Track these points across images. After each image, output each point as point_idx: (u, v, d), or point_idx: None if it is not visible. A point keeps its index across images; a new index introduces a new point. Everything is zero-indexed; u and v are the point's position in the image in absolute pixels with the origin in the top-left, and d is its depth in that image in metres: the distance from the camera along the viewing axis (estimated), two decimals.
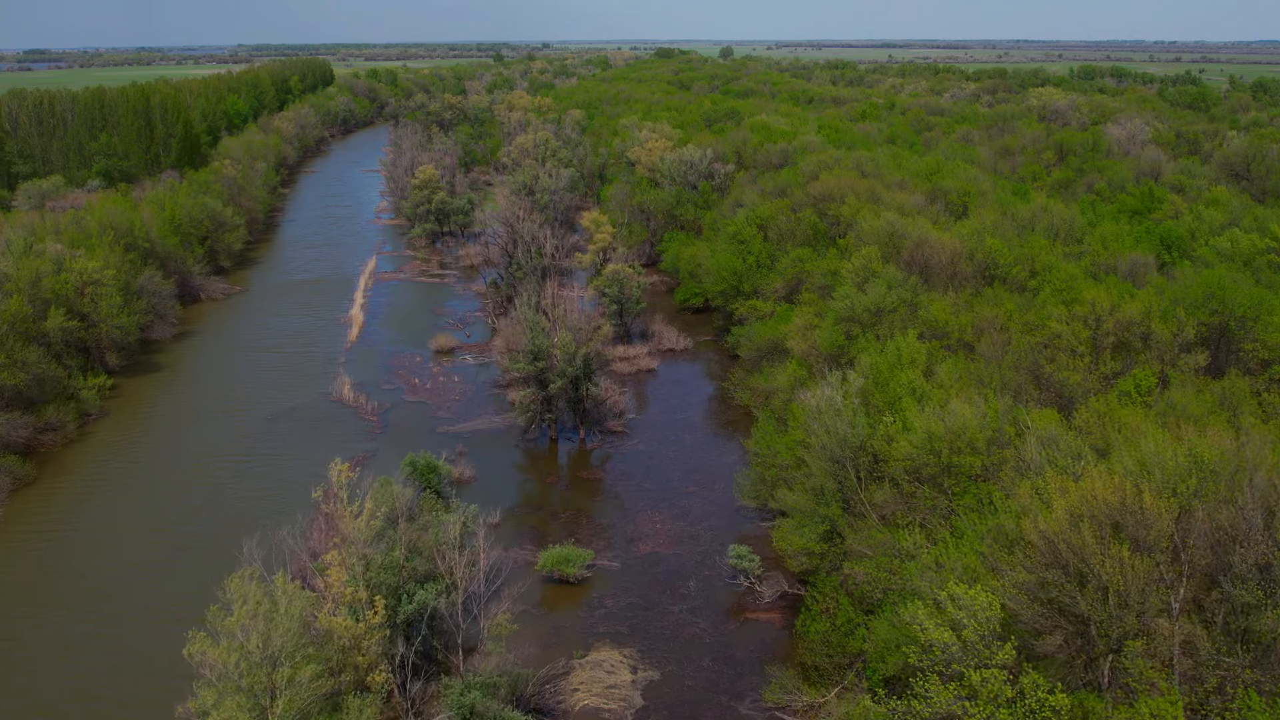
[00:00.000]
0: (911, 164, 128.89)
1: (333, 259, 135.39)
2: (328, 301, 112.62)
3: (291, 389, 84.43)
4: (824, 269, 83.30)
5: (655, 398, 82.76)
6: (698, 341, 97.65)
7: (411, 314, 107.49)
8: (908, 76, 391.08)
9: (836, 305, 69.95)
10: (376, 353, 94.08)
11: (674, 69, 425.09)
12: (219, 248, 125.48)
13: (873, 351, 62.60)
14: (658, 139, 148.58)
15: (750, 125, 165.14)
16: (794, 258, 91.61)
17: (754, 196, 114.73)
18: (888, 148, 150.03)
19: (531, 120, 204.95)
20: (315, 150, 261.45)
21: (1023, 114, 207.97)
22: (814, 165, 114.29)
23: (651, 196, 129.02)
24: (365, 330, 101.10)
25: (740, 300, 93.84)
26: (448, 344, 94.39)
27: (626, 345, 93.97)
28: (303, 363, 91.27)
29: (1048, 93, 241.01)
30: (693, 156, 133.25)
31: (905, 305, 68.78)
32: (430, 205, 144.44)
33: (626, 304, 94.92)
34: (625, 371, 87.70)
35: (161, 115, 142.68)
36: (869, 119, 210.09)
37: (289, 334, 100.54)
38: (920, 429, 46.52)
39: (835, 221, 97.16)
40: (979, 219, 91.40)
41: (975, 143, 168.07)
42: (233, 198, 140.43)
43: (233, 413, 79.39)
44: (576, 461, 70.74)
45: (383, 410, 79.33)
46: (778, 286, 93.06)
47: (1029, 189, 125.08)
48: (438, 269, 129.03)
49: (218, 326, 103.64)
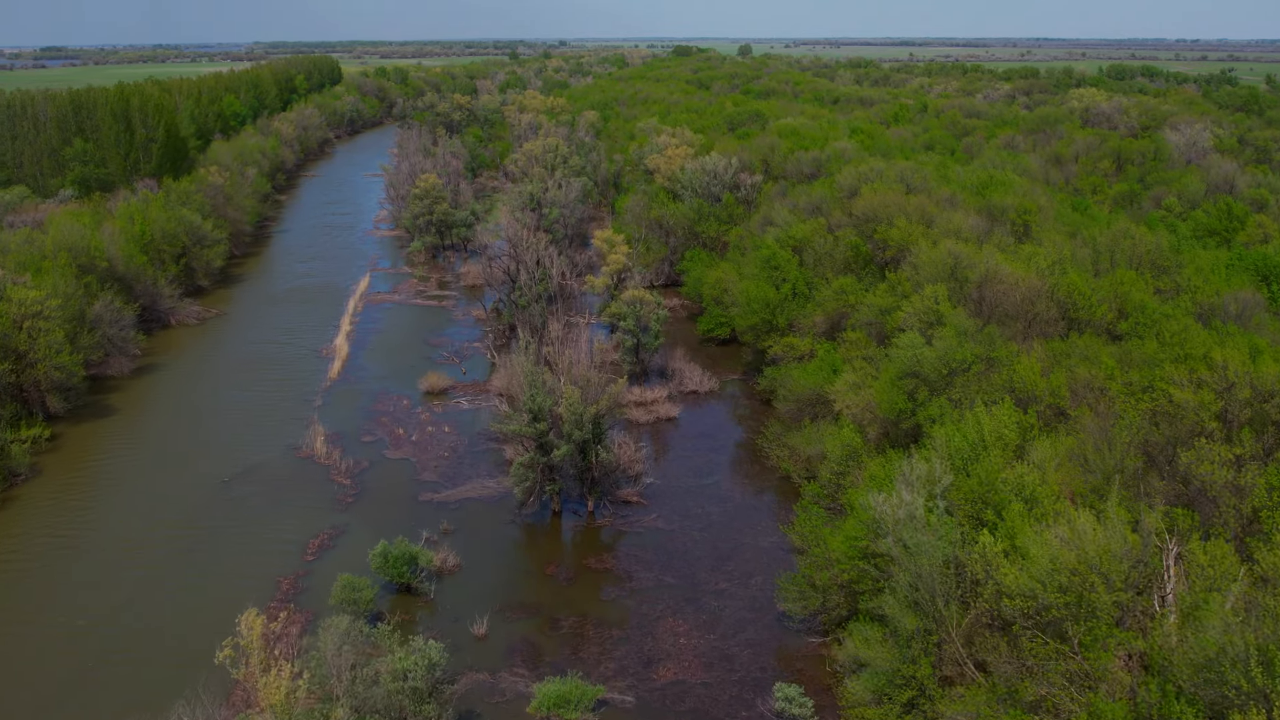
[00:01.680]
0: (958, 175, 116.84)
1: (323, 275, 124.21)
2: (311, 327, 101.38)
3: (257, 439, 73.14)
4: (874, 305, 71.39)
5: (677, 456, 71.03)
6: (724, 381, 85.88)
7: (403, 344, 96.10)
8: (934, 76, 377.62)
9: (896, 358, 58.04)
10: (359, 393, 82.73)
11: (692, 67, 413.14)
12: (197, 265, 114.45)
13: (948, 423, 50.81)
14: (678, 145, 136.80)
15: (777, 130, 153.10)
16: (836, 289, 79.73)
17: (785, 213, 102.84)
18: (928, 156, 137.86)
19: (543, 123, 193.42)
20: (318, 152, 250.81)
21: (1064, 117, 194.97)
22: (853, 178, 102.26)
23: (671, 210, 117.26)
24: (349, 364, 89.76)
25: (773, 336, 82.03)
26: (439, 384, 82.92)
27: (643, 387, 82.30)
28: (274, 405, 79.98)
29: (1089, 94, 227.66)
30: (716, 166, 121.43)
31: (982, 361, 56.85)
32: (431, 217, 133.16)
33: (644, 339, 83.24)
34: (642, 421, 76.02)
35: (142, 118, 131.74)
36: (901, 122, 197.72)
37: (263, 367, 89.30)
38: (1042, 556, 34.63)
39: (882, 245, 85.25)
40: (1052, 246, 79.35)
41: (1020, 149, 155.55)
42: (217, 208, 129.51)
43: (186, 471, 68.14)
44: (583, 542, 59.11)
45: (359, 470, 67.90)
46: (817, 320, 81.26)
47: (1090, 204, 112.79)
48: (436, 289, 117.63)
49: (184, 359, 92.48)
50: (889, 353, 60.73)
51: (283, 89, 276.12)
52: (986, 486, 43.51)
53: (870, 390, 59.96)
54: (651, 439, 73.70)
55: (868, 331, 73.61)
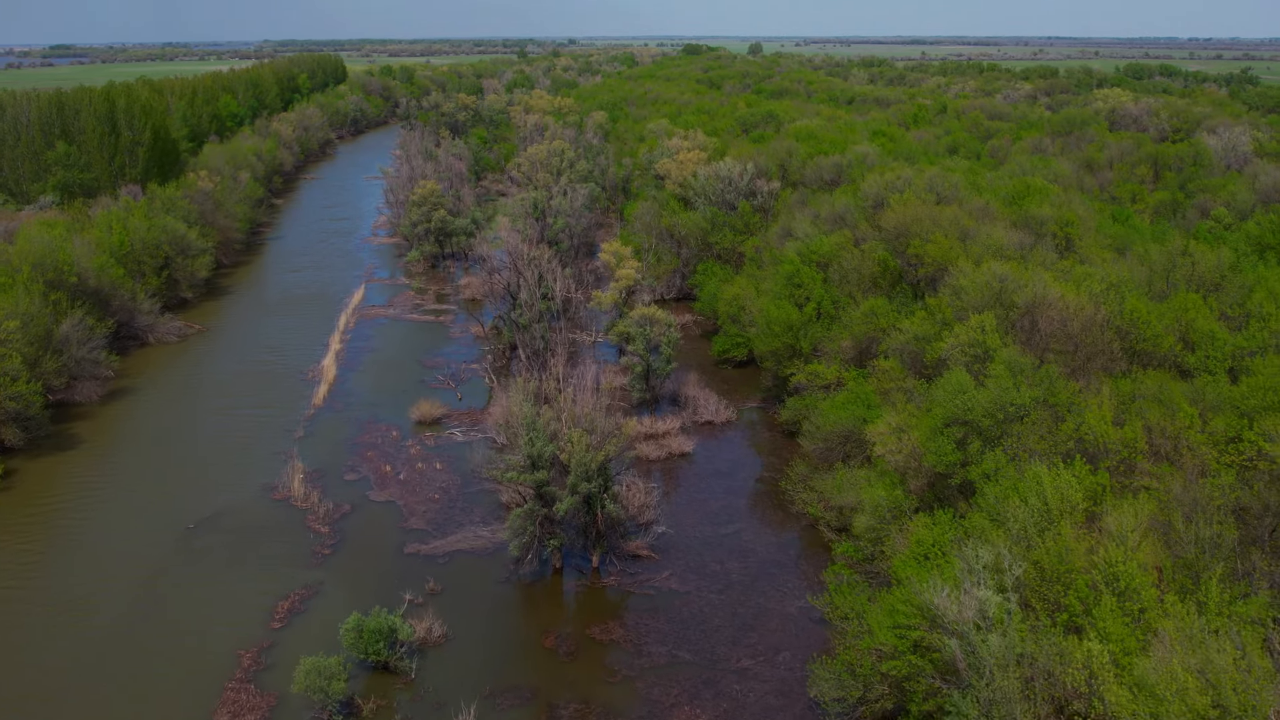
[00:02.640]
0: (990, 183, 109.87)
1: (316, 287, 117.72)
2: (299, 345, 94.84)
3: (230, 477, 66.57)
4: (911, 332, 64.42)
5: (691, 499, 64.22)
6: (742, 409, 79.05)
7: (395, 365, 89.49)
8: (950, 75, 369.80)
9: (943, 401, 51.09)
10: (345, 422, 76.12)
11: (703, 66, 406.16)
12: (181, 277, 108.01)
13: (1005, 482, 43.96)
14: (690, 149, 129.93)
15: (794, 133, 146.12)
16: (866, 311, 72.81)
17: (806, 224, 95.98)
18: (953, 161, 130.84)
19: (549, 124, 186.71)
20: (320, 154, 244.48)
21: (1090, 119, 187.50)
22: (879, 187, 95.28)
23: (683, 219, 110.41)
24: (336, 388, 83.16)
25: (796, 362, 75.14)
26: (432, 412, 76.24)
27: (654, 417, 75.52)
28: (251, 436, 73.43)
29: (1114, 95, 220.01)
30: (731, 172, 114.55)
31: (1041, 405, 49.91)
32: (430, 224, 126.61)
33: (655, 364, 76.42)
34: (653, 457, 69.22)
35: (127, 120, 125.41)
36: (921, 124, 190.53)
37: (243, 392, 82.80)
38: (1162, 684, 27.67)
39: (915, 262, 78.35)
40: (1106, 266, 72.36)
41: (1049, 153, 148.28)
42: (205, 215, 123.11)
43: (148, 516, 61.61)
44: (587, 605, 52.37)
45: (339, 515, 61.27)
46: (844, 345, 74.35)
47: (1131, 214, 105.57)
48: (434, 302, 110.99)
49: (160, 382, 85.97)
50: (932, 392, 53.80)
51: (284, 88, 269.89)
52: (1063, 566, 36.70)
53: (913, 435, 53.03)
54: (663, 478, 66.92)
55: (903, 359, 66.78)
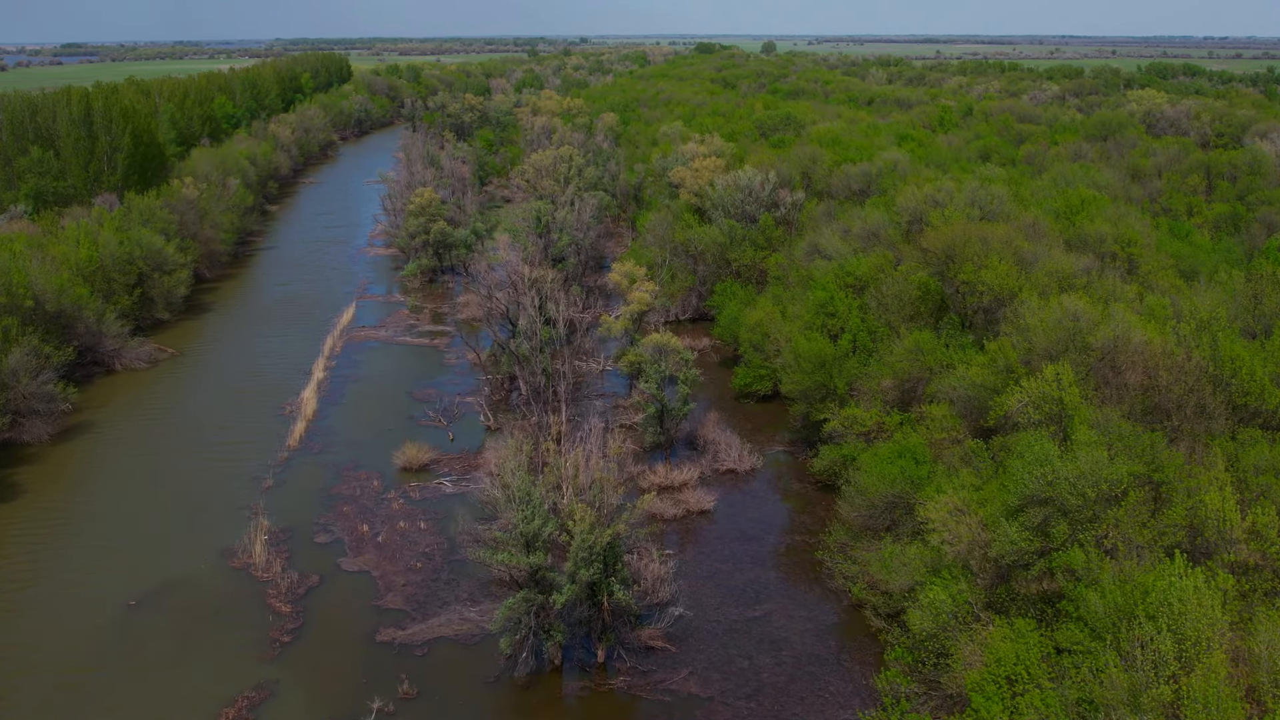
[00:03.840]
0: (1035, 196, 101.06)
1: (304, 304, 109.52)
2: (279, 372, 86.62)
3: (185, 539, 58.29)
4: (970, 380, 55.66)
5: (713, 570, 55.60)
6: (768, 455, 70.41)
7: (383, 397, 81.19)
8: (971, 75, 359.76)
9: (1018, 474, 42.27)
10: (321, 468, 67.78)
11: (716, 65, 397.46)
12: (156, 295, 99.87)
13: (1106, 584, 35.37)
14: (707, 156, 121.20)
15: (816, 137, 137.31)
16: (911, 346, 64.09)
17: (835, 240, 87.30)
18: (987, 169, 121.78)
19: (558, 126, 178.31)
20: (321, 156, 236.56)
21: (1125, 122, 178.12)
22: (917, 201, 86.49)
23: (699, 234, 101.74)
24: (314, 427, 74.83)
25: (830, 404, 66.43)
26: (419, 457, 67.82)
27: (669, 465, 66.95)
28: (214, 487, 65.14)
29: (1148, 96, 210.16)
30: (751, 181, 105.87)
31: (1140, 483, 41.20)
32: (428, 236, 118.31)
33: (672, 405, 67.80)
34: (669, 516, 60.66)
35: (105, 124, 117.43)
36: (948, 127, 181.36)
37: (211, 430, 74.57)
38: None
39: (964, 289, 69.66)
40: (1185, 298, 63.49)
41: (1088, 159, 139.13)
42: (186, 226, 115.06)
43: (87, 587, 53.40)
44: (591, 713, 43.85)
45: (304, 590, 52.91)
46: (885, 385, 65.66)
47: (1191, 229, 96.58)
48: (429, 323, 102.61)
49: (121, 417, 77.79)
50: (1007, 462, 45.07)
51: (286, 88, 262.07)
52: None
53: (978, 516, 44.26)
54: (680, 541, 58.37)
55: (955, 406, 58.12)
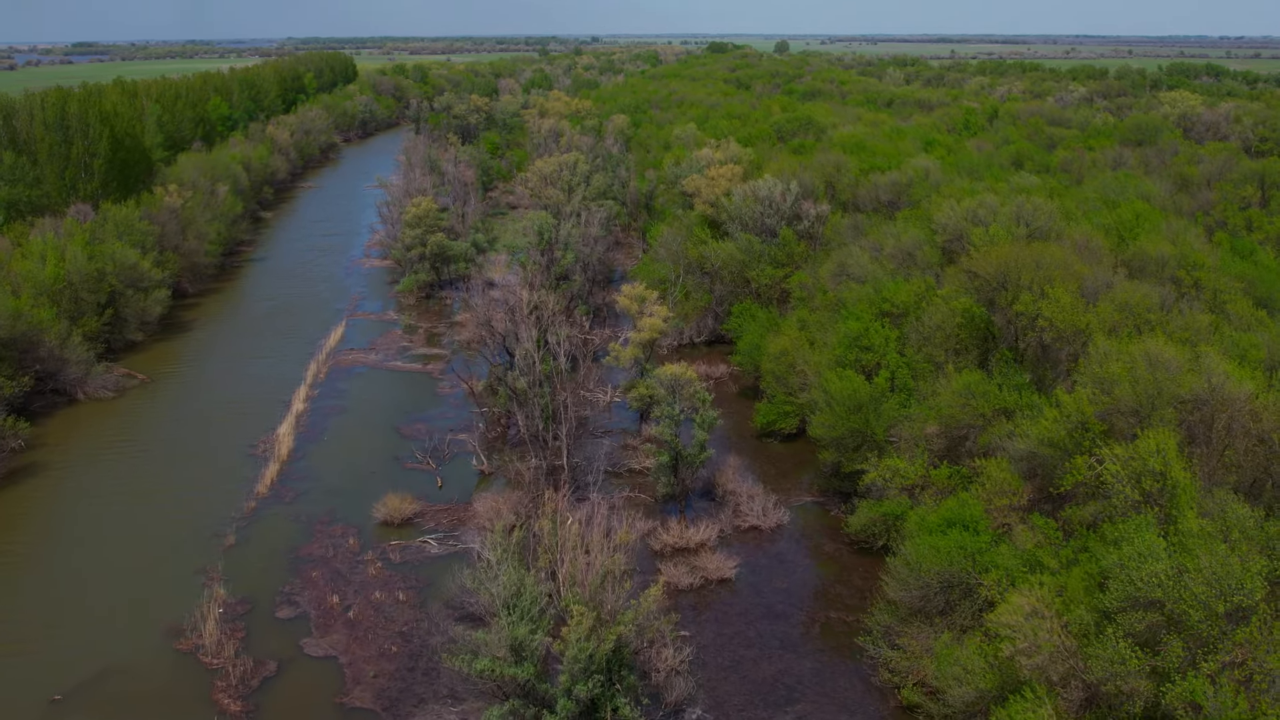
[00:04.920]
0: (1080, 209, 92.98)
1: (290, 322, 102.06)
2: (256, 401, 79.15)
3: (128, 613, 50.71)
4: (1035, 436, 47.70)
5: (736, 659, 47.71)
6: (795, 506, 62.53)
7: (367, 433, 73.62)
8: (991, 75, 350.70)
9: (1116, 575, 34.40)
10: (291, 521, 60.16)
11: (729, 65, 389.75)
12: (130, 314, 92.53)
13: None
14: (723, 163, 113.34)
15: (840, 143, 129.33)
16: (960, 389, 56.16)
17: (865, 260, 79.44)
18: (1022, 177, 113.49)
19: (565, 129, 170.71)
20: (322, 159, 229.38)
21: (1161, 125, 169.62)
22: (957, 217, 78.55)
23: (715, 250, 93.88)
24: (289, 469, 67.24)
25: (867, 452, 58.50)
26: (402, 510, 60.14)
27: (683, 520, 59.12)
28: (170, 543, 57.55)
29: (1182, 98, 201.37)
30: (771, 192, 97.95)
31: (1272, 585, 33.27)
32: (425, 249, 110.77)
33: (688, 452, 59.97)
34: (684, 585, 52.85)
35: (82, 128, 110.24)
36: (974, 130, 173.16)
37: (173, 472, 67.03)
38: None
39: (1017, 320, 61.75)
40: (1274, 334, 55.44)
41: (1129, 166, 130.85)
42: (167, 238, 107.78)
43: (6, 677, 45.89)
44: None
45: (258, 681, 45.26)
46: (930, 432, 57.82)
47: (1254, 246, 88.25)
48: (424, 344, 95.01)
49: (76, 457, 70.31)
50: (1088, 545, 37.15)
51: (287, 88, 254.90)
52: None
53: (1062, 618, 36.34)
54: (697, 617, 50.55)
55: (1018, 464, 50.25)
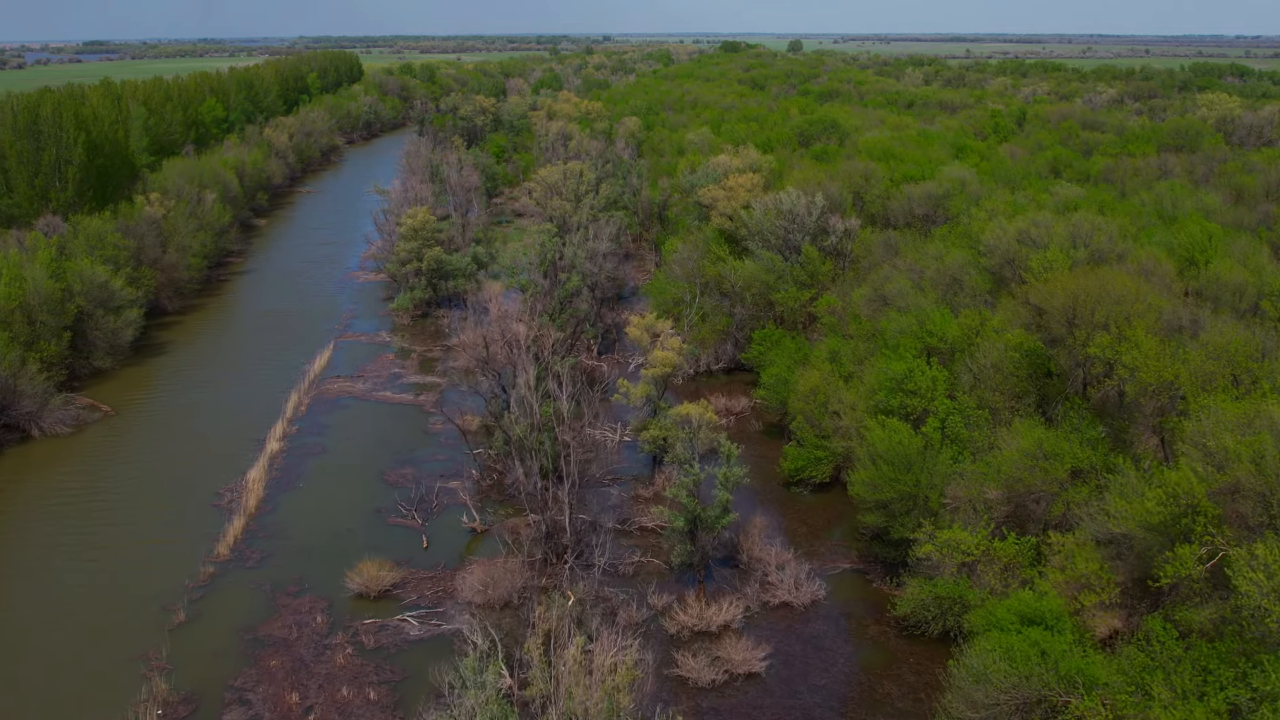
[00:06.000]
0: (1134, 224, 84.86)
1: (274, 344, 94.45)
2: (227, 439, 71.44)
3: (47, 717, 43.10)
4: (1134, 518, 39.56)
5: None
6: (831, 574, 54.41)
7: (348, 479, 65.80)
8: (1012, 75, 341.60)
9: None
10: (253, 590, 52.27)
11: (744, 65, 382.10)
12: (98, 338, 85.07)
13: None
14: (742, 171, 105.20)
15: (866, 149, 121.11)
16: (1029, 448, 48.06)
17: (905, 285, 71.30)
18: (1064, 186, 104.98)
19: (574, 133, 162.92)
20: (324, 162, 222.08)
21: (1202, 129, 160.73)
22: (1008, 240, 70.36)
23: (736, 270, 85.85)
24: (257, 524, 59.44)
25: (919, 519, 50.33)
26: (380, 580, 52.24)
27: (701, 593, 51.10)
28: (108, 623, 49.70)
29: (1220, 100, 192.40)
30: (796, 205, 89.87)
31: None
32: (421, 264, 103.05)
33: (708, 514, 51.92)
34: (704, 683, 44.80)
35: (55, 133, 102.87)
36: (1003, 134, 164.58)
37: (124, 529, 59.27)
38: None
39: (1089, 364, 53.63)
40: None
41: (1173, 174, 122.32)
42: (146, 251, 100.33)
43: None
44: None
45: None
46: (991, 497, 49.71)
47: None
48: (417, 371, 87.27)
49: (19, 510, 62.50)
50: (1211, 668, 29.10)
51: (289, 89, 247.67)
52: None
53: None
54: None
55: (1107, 547, 42.19)
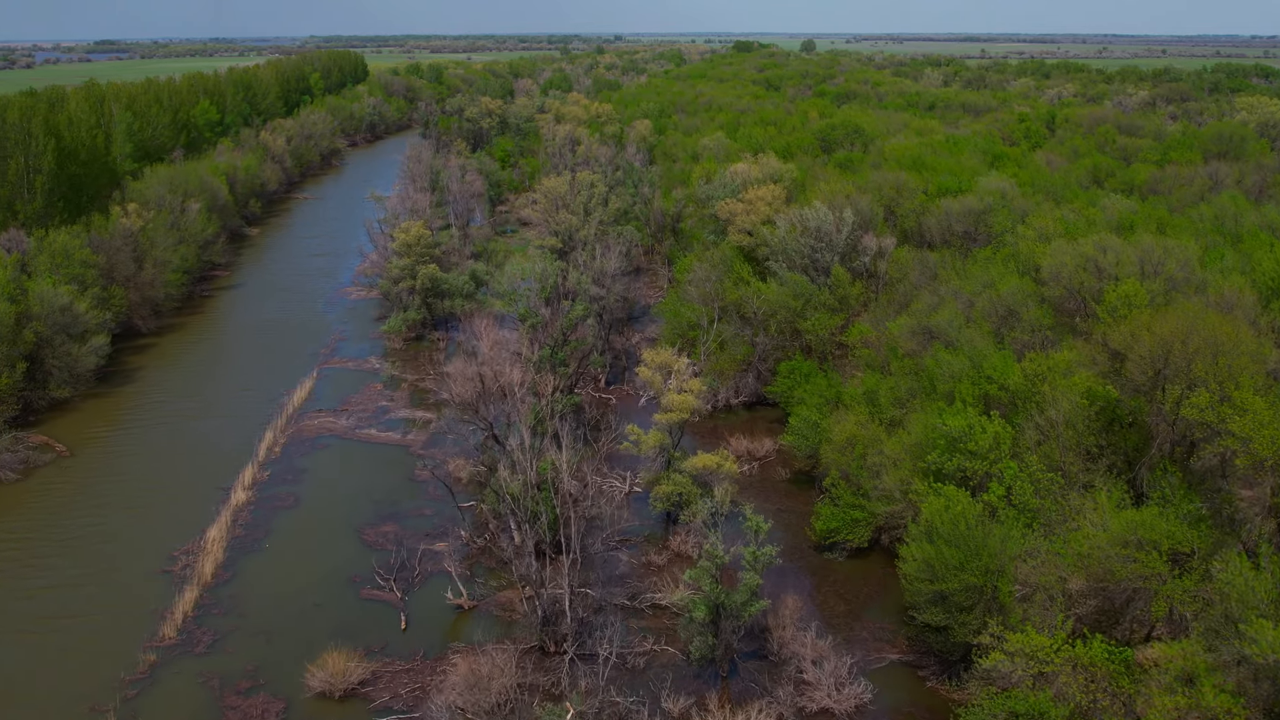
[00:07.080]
0: (1197, 245, 76.57)
1: (255, 370, 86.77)
2: (190, 488, 63.70)
3: None
4: (1264, 643, 31.53)
5: None
6: (879, 670, 46.30)
7: (321, 538, 57.94)
8: (1033, 76, 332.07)
9: None
10: (199, 686, 44.44)
11: (757, 65, 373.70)
12: (57, 367, 77.54)
13: None
14: (761, 182, 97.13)
15: (893, 156, 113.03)
16: (1124, 532, 39.94)
17: (956, 319, 63.05)
18: (1112, 200, 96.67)
19: (583, 137, 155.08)
20: (324, 165, 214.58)
21: (1246, 135, 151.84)
22: (1072, 267, 62.14)
23: (760, 294, 77.79)
24: (209, 598, 51.61)
25: (983, 614, 42.18)
26: (346, 675, 44.33)
27: (725, 700, 43.05)
28: None
29: (1260, 104, 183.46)
30: (823, 222, 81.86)
31: None
32: (415, 282, 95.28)
33: (733, 601, 43.89)
34: None
35: (22, 140, 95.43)
36: (1035, 139, 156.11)
37: (64, 598, 51.51)
38: None
39: (1195, 433, 45.47)
40: None
41: (1226, 184, 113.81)
42: (119, 268, 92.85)
43: None
44: None
45: None
46: (1074, 588, 41.61)
47: None
48: (406, 405, 79.50)
49: None
50: None
51: (290, 90, 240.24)
52: None
53: None
54: None
55: (1229, 668, 34.11)
